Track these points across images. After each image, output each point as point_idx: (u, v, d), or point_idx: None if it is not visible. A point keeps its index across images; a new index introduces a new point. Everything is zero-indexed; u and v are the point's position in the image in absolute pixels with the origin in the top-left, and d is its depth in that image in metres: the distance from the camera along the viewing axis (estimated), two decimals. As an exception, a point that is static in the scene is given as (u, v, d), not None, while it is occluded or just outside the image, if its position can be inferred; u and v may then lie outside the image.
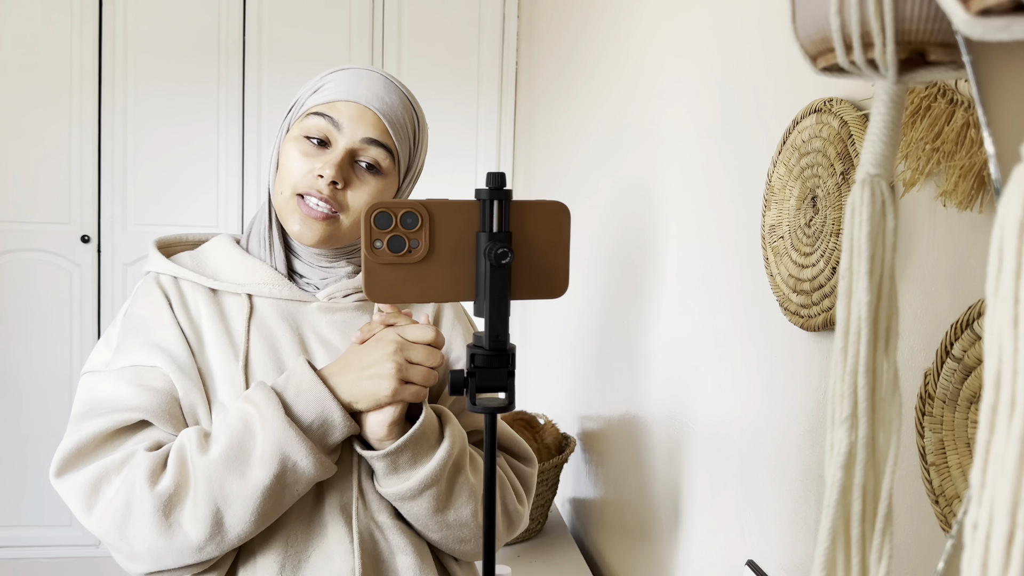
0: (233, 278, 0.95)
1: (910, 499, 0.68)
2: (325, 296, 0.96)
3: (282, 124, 0.95)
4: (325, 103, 0.91)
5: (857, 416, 0.38)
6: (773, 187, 0.91)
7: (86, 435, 0.85)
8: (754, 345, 0.99)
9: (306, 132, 0.90)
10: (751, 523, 0.99)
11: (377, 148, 0.91)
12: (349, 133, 0.90)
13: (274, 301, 0.95)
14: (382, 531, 0.92)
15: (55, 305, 2.61)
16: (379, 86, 0.92)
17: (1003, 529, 0.28)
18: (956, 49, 0.34)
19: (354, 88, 0.91)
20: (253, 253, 0.97)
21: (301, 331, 0.94)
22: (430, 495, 0.88)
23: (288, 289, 0.95)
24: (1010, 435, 0.28)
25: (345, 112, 0.90)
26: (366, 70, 0.93)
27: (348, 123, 0.90)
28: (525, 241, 0.71)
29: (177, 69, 2.60)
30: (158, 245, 1.00)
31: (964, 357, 0.61)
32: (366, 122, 0.91)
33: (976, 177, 0.59)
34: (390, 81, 0.94)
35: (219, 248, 0.98)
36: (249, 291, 0.94)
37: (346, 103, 0.90)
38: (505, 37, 2.73)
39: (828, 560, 0.39)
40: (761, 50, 0.99)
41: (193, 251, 0.99)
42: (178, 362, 0.88)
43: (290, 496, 0.84)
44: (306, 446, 0.81)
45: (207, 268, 0.96)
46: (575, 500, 1.92)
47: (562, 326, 2.06)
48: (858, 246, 0.37)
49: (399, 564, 0.91)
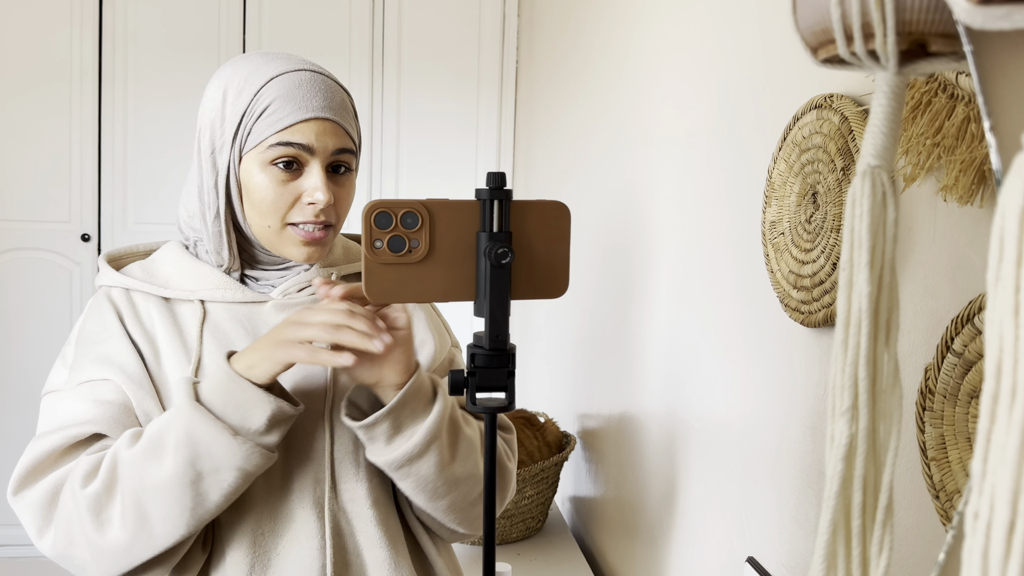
0: (184, 285, 0.94)
1: (910, 494, 0.68)
2: (279, 293, 0.95)
3: (226, 150, 0.89)
4: (283, 129, 0.86)
5: (858, 408, 0.38)
6: (774, 184, 0.91)
7: (40, 452, 0.85)
8: (754, 342, 0.99)
9: (273, 160, 0.87)
10: (751, 520, 0.99)
11: (345, 154, 0.90)
12: (321, 151, 0.88)
13: (227, 305, 0.94)
14: (354, 525, 0.92)
15: (55, 304, 2.61)
16: (322, 90, 0.89)
17: (1004, 518, 0.28)
18: (957, 40, 0.34)
19: (306, 101, 0.87)
20: (202, 258, 0.96)
21: (257, 332, 0.93)
22: (436, 448, 0.86)
23: (240, 292, 0.94)
24: (1011, 424, 0.28)
25: (311, 132, 0.87)
26: (298, 71, 0.89)
27: (318, 141, 0.87)
28: (525, 241, 0.71)
29: (177, 68, 2.60)
30: (108, 259, 0.99)
31: (965, 352, 0.61)
32: (332, 135, 0.88)
33: (977, 172, 0.59)
34: (320, 75, 0.90)
35: (169, 256, 0.97)
36: (201, 297, 0.93)
37: (306, 123, 0.87)
38: (505, 37, 2.73)
39: (829, 552, 0.39)
40: (761, 46, 0.99)
41: (144, 261, 0.98)
42: (128, 372, 0.88)
43: (215, 485, 0.80)
44: (217, 428, 0.78)
45: (158, 277, 0.95)
46: (575, 498, 1.92)
47: (562, 324, 2.06)
48: (859, 237, 0.37)
49: (372, 558, 0.91)
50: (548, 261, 0.73)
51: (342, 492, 0.92)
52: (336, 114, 0.89)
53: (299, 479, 0.90)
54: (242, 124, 0.88)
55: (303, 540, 0.89)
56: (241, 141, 0.89)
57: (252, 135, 0.88)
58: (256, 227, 0.91)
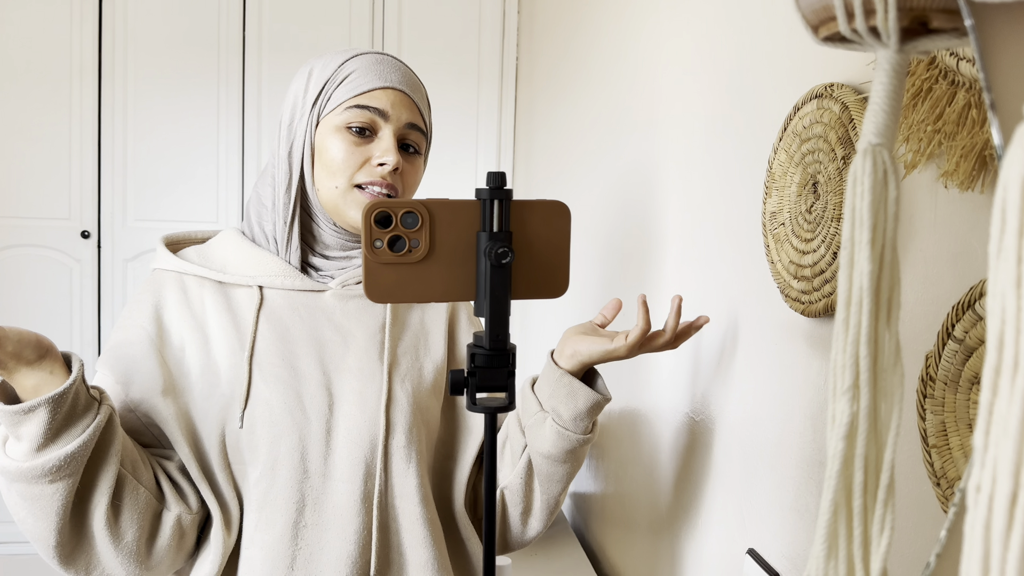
0: (243, 271, 0.94)
1: (911, 482, 0.68)
2: (338, 284, 0.96)
3: (305, 117, 0.93)
4: (362, 93, 0.91)
5: (859, 387, 0.38)
6: (774, 174, 0.90)
7: None
8: (754, 332, 0.98)
9: (348, 123, 0.91)
10: (752, 512, 0.99)
11: (415, 132, 0.94)
12: (395, 119, 0.92)
13: (286, 292, 0.94)
14: (400, 521, 0.91)
15: (55, 301, 2.61)
16: (401, 69, 0.95)
17: (1006, 490, 0.28)
18: (958, 15, 0.34)
19: (386, 74, 0.93)
20: (260, 246, 0.97)
21: (314, 321, 0.94)
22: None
23: (300, 279, 0.94)
24: (1013, 396, 0.28)
25: (386, 100, 0.92)
26: (380, 54, 0.95)
27: (392, 110, 0.92)
28: (525, 241, 0.71)
29: (177, 64, 2.59)
30: (166, 242, 1.00)
31: (965, 338, 0.60)
32: (406, 107, 0.93)
33: (978, 157, 0.59)
34: (401, 62, 0.97)
35: (227, 242, 0.98)
36: (260, 283, 0.94)
37: (383, 91, 0.92)
38: (505, 32, 2.73)
39: (830, 532, 0.39)
40: (761, 37, 0.99)
41: (201, 246, 0.99)
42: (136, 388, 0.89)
43: (25, 486, 0.77)
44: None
45: (214, 262, 0.96)
46: (575, 494, 1.91)
47: (562, 318, 2.06)
48: (860, 216, 0.37)
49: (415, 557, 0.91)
50: (548, 261, 0.73)
51: (393, 487, 0.92)
52: (411, 90, 0.94)
53: (351, 472, 0.89)
54: (323, 91, 0.93)
55: (349, 535, 0.88)
56: (321, 106, 0.93)
57: (332, 100, 0.92)
58: (324, 190, 0.93)
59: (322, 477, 0.89)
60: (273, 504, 0.88)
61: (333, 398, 0.91)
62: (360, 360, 0.93)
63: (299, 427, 0.89)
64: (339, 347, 0.93)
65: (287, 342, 0.92)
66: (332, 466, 0.89)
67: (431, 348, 1.00)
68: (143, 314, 0.92)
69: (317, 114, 0.93)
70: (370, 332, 0.96)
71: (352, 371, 0.92)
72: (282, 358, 0.91)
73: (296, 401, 0.89)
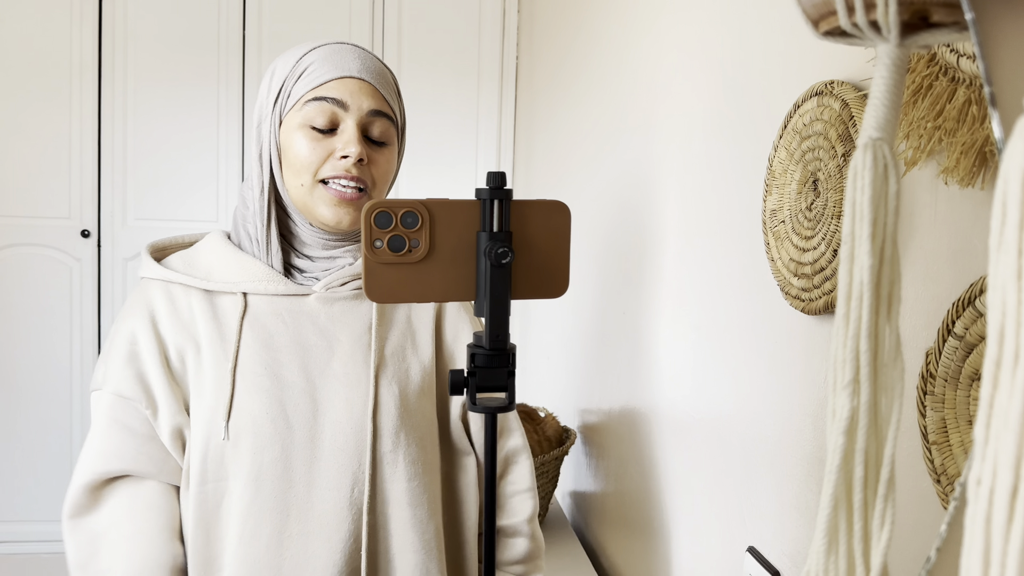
0: (226, 277, 0.93)
1: (912, 478, 0.68)
2: (322, 287, 0.94)
3: (268, 117, 0.92)
4: (319, 85, 0.89)
5: (859, 382, 0.38)
6: (774, 172, 0.90)
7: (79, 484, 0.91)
8: (754, 330, 0.98)
9: (309, 120, 0.89)
10: (752, 509, 0.99)
11: (381, 119, 0.91)
12: (355, 109, 0.89)
13: (270, 298, 0.93)
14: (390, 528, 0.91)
15: (55, 300, 2.61)
16: (361, 57, 0.92)
17: (1007, 483, 0.28)
18: (958, 9, 0.34)
19: (343, 63, 0.90)
20: (245, 250, 0.95)
21: (299, 326, 0.92)
22: None
23: (283, 284, 0.93)
24: (1013, 389, 0.28)
25: (345, 89, 0.89)
26: (338, 43, 0.93)
27: (352, 99, 0.89)
28: (525, 241, 0.71)
29: (177, 63, 2.59)
30: (151, 250, 0.99)
31: (966, 335, 0.60)
32: (367, 95, 0.90)
33: (978, 153, 0.59)
34: (363, 50, 0.94)
35: (211, 247, 0.96)
36: (243, 289, 0.92)
37: (341, 81, 0.89)
38: (505, 32, 2.73)
39: (830, 527, 0.39)
40: (761, 34, 0.99)
41: (186, 251, 0.98)
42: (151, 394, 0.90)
43: None
44: None
45: (199, 269, 0.94)
46: (575, 493, 1.91)
47: (562, 318, 2.06)
48: (860, 210, 0.37)
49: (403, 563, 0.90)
50: (548, 261, 0.73)
51: (380, 492, 0.91)
52: (372, 77, 0.91)
53: (337, 480, 0.89)
54: (283, 88, 0.91)
55: (336, 543, 0.88)
56: (282, 104, 0.91)
57: (291, 96, 0.90)
58: (292, 189, 0.91)
59: (307, 486, 0.88)
60: (258, 514, 0.87)
61: (318, 405, 0.90)
62: (346, 365, 0.92)
63: (282, 437, 0.88)
64: (324, 352, 0.92)
65: (271, 350, 0.90)
66: (317, 474, 0.89)
67: (419, 347, 0.99)
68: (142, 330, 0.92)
69: (280, 112, 0.91)
70: (356, 335, 0.94)
71: (338, 377, 0.91)
72: (265, 367, 0.89)
73: (279, 411, 0.88)
